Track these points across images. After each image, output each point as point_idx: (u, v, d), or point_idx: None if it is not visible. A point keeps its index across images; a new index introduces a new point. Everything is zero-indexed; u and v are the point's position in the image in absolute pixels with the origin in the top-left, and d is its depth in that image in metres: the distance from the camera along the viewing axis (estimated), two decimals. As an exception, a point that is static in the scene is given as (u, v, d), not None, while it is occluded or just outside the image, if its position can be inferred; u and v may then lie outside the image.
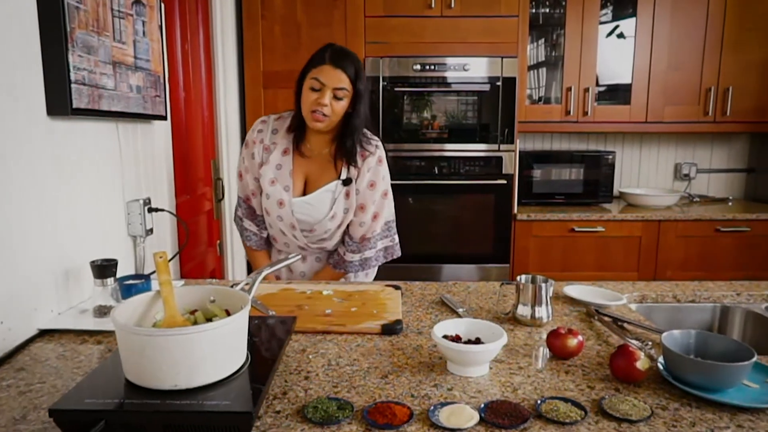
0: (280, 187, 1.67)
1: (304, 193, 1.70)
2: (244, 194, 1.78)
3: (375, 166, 1.68)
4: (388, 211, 1.77)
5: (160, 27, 1.81)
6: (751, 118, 3.21)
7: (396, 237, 1.81)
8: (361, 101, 1.60)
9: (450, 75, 2.92)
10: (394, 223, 1.81)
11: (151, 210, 1.71)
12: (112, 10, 1.49)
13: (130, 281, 1.38)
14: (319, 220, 1.68)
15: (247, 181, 1.75)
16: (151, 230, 1.73)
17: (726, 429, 0.85)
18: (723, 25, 3.11)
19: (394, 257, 1.82)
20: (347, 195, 1.68)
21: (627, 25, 3.20)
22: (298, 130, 1.67)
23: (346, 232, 1.74)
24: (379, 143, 1.72)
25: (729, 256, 3.07)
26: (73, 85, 1.30)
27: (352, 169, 1.67)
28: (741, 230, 3.03)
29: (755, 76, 3.16)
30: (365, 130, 1.68)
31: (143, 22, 1.68)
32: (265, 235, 1.81)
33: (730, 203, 3.41)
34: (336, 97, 1.55)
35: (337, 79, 1.54)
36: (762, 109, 3.19)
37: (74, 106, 1.31)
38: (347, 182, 1.67)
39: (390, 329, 1.24)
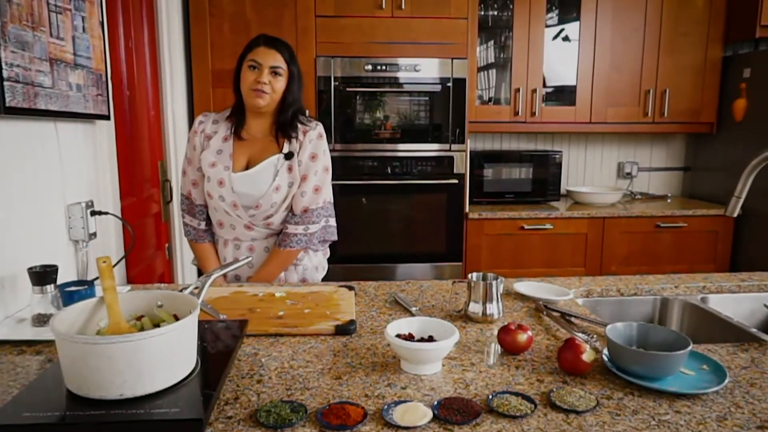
0: (221, 167, 1.70)
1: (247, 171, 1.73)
2: (186, 190, 1.80)
3: (316, 140, 1.74)
4: (329, 189, 1.80)
5: (102, 23, 1.75)
6: (687, 119, 3.37)
7: (333, 220, 1.86)
8: (295, 82, 1.69)
9: (401, 75, 2.94)
10: (332, 206, 1.85)
11: (94, 213, 1.65)
12: (48, 4, 1.42)
13: (73, 288, 1.32)
14: (263, 192, 1.69)
15: (189, 174, 1.77)
16: (94, 234, 1.67)
17: (665, 415, 0.89)
18: (660, 29, 3.25)
19: (333, 239, 1.87)
20: (290, 169, 1.71)
21: (572, 29, 3.30)
22: (238, 116, 1.73)
23: (290, 208, 1.75)
24: (319, 123, 1.79)
25: (668, 250, 3.22)
26: (6, 83, 1.24)
27: (294, 142, 1.72)
28: (679, 226, 3.19)
29: (689, 78, 3.32)
30: (303, 117, 1.76)
31: (83, 18, 1.61)
32: (202, 226, 1.81)
33: (668, 200, 3.58)
34: (274, 73, 1.64)
35: (272, 57, 1.64)
36: (696, 110, 3.36)
37: (8, 104, 1.24)
38: (289, 156, 1.70)
39: (343, 330, 1.24)
